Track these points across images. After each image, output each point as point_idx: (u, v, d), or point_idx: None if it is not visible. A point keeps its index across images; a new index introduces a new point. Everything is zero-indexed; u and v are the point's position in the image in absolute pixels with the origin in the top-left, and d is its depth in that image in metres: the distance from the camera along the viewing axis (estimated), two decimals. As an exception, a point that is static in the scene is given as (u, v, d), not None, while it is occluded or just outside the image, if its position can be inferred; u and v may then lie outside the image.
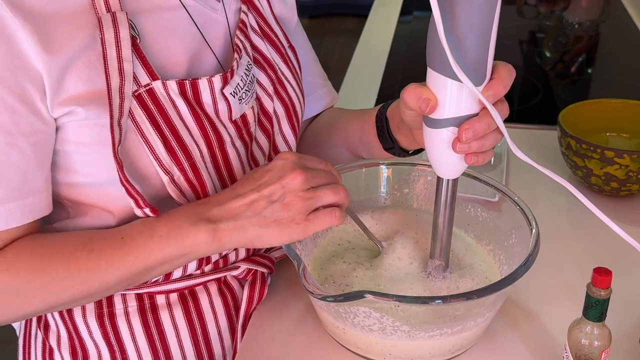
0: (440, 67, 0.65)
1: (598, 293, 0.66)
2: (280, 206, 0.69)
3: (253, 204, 0.70)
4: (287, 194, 0.69)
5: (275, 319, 0.83)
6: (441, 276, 0.77)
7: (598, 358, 0.68)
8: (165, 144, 0.71)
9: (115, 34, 0.68)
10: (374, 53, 1.67)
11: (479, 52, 0.63)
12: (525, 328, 0.80)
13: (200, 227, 0.69)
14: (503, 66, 0.67)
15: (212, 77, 0.74)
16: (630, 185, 1.00)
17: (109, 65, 0.68)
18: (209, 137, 0.75)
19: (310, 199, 0.70)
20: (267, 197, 0.70)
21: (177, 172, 0.73)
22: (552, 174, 0.67)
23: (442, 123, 0.68)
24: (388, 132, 0.84)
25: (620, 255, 0.83)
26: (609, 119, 1.12)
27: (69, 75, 0.67)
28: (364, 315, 0.70)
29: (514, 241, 0.79)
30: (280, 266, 0.89)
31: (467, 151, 0.68)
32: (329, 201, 0.71)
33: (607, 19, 1.91)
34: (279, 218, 0.70)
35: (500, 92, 0.67)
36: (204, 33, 0.77)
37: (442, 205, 0.73)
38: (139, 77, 0.70)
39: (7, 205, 0.68)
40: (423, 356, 0.74)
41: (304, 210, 0.69)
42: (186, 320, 0.83)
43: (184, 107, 0.73)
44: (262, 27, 0.86)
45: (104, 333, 0.81)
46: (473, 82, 0.64)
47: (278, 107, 0.85)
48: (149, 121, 0.71)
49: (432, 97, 0.67)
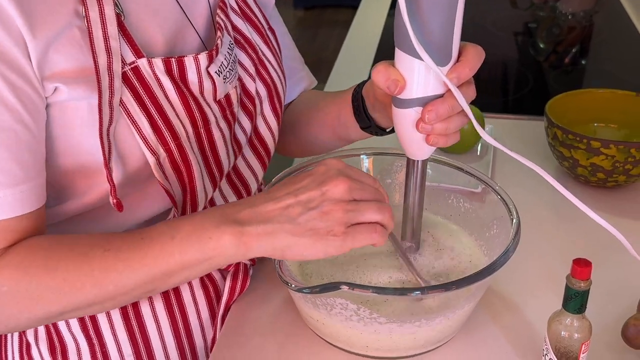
0: (406, 47, 0.65)
1: (577, 285, 0.65)
2: (317, 214, 0.64)
3: (288, 209, 0.64)
4: (327, 202, 0.64)
5: (254, 311, 0.82)
6: (413, 257, 0.77)
7: (578, 350, 0.67)
8: (151, 123, 0.70)
9: (100, 12, 0.67)
10: (364, 44, 1.66)
11: (443, 33, 0.64)
12: (507, 319, 0.79)
13: (226, 229, 0.64)
14: (471, 47, 0.67)
15: (198, 55, 0.73)
16: (617, 176, 0.99)
17: (96, 44, 0.66)
18: (194, 116, 0.73)
19: (351, 211, 0.64)
20: (304, 203, 0.64)
21: (163, 153, 0.71)
22: (522, 158, 0.66)
23: (408, 103, 0.68)
24: (364, 110, 0.84)
25: (605, 246, 0.83)
26: (597, 109, 1.11)
27: (52, 52, 0.65)
28: (341, 307, 0.69)
29: (495, 232, 0.79)
30: (263, 258, 0.88)
31: (431, 132, 0.68)
32: (372, 218, 0.65)
33: (601, 10, 1.89)
34: (314, 227, 0.63)
35: (465, 75, 0.66)
36: (187, 11, 0.76)
37: (412, 187, 0.74)
38: (124, 55, 0.69)
39: (22, 186, 0.64)
40: (402, 348, 0.73)
41: (343, 221, 0.64)
42: (167, 312, 0.82)
43: (169, 86, 0.71)
44: (241, 7, 0.85)
45: (83, 326, 0.80)
46: (437, 63, 0.64)
47: (260, 88, 0.84)
48: (135, 100, 0.69)
49: (400, 78, 0.67)
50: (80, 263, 0.65)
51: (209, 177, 0.78)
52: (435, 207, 0.86)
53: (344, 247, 0.64)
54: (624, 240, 0.67)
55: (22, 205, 0.65)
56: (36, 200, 0.66)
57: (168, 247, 0.64)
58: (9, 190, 0.64)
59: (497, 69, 1.61)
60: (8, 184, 0.64)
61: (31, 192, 0.66)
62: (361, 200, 0.66)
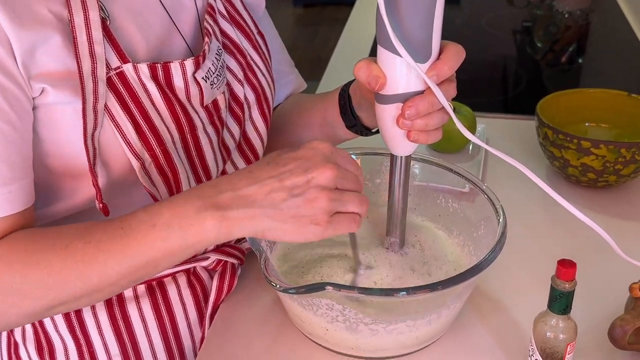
0: (386, 44, 0.66)
1: (562, 286, 0.65)
2: (302, 202, 0.63)
3: (271, 194, 0.63)
4: (312, 190, 0.63)
5: (242, 310, 0.82)
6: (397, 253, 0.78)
7: (563, 351, 0.67)
8: (136, 129, 0.70)
9: (84, 17, 0.66)
10: (359, 42, 1.66)
11: (422, 31, 0.65)
12: (494, 320, 0.79)
13: (206, 215, 0.63)
14: (452, 46, 0.68)
15: (184, 61, 0.73)
16: (607, 176, 0.99)
17: (80, 49, 0.66)
18: (181, 121, 0.73)
19: (335, 200, 0.64)
20: (289, 189, 0.63)
21: (148, 158, 0.71)
22: (506, 156, 0.67)
23: (389, 99, 0.69)
24: (351, 109, 0.84)
25: (593, 247, 0.82)
26: (588, 108, 1.10)
27: (39, 53, 0.65)
28: (327, 307, 0.69)
29: (482, 232, 0.79)
30: (251, 258, 0.88)
31: (411, 128, 0.68)
32: (352, 210, 0.65)
33: (597, 8, 1.89)
34: (298, 214, 0.63)
35: (444, 73, 0.67)
36: (173, 17, 0.76)
37: (396, 183, 0.75)
38: (109, 60, 0.69)
39: (10, 187, 0.64)
40: (388, 348, 0.73)
41: (327, 210, 0.63)
42: (154, 312, 0.82)
43: (155, 91, 0.71)
44: (230, 12, 0.85)
45: (70, 326, 0.80)
46: (416, 60, 0.65)
47: (249, 93, 0.84)
48: (120, 105, 0.69)
49: (380, 74, 0.68)
50: (62, 256, 0.64)
51: (195, 183, 0.77)
52: (424, 207, 0.86)
53: (324, 235, 0.64)
54: (607, 237, 0.67)
55: (11, 205, 0.65)
56: (25, 200, 0.66)
57: (149, 236, 0.63)
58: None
59: (493, 67, 1.61)
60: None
61: (20, 192, 0.65)
62: (344, 189, 0.65)
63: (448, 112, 0.69)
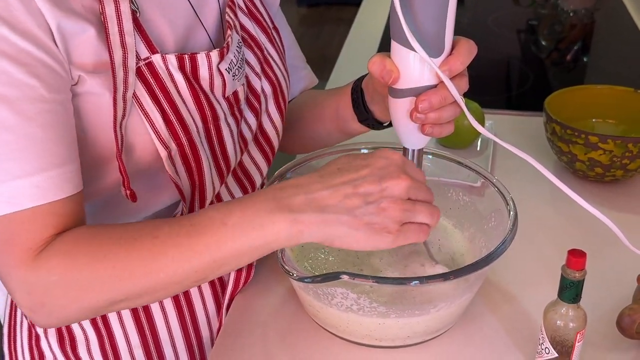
0: (400, 39, 0.67)
1: (572, 275, 0.66)
2: (375, 209, 0.63)
3: (345, 200, 0.63)
4: (386, 199, 0.64)
5: (257, 301, 0.84)
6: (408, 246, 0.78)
7: (573, 339, 0.69)
8: (164, 118, 0.71)
9: (116, 8, 0.68)
10: (366, 41, 1.67)
11: (436, 25, 0.66)
12: (504, 309, 0.81)
13: (279, 216, 0.62)
14: (464, 41, 0.69)
15: (210, 52, 0.74)
16: (615, 171, 1.00)
17: (112, 40, 0.68)
18: (205, 112, 0.75)
19: (407, 211, 0.64)
20: (363, 196, 0.63)
21: (174, 147, 0.72)
22: (515, 149, 0.68)
23: (403, 93, 0.70)
24: (363, 103, 0.86)
25: (601, 238, 0.84)
26: (595, 104, 1.12)
27: (74, 44, 0.66)
28: (342, 296, 0.71)
29: (493, 224, 0.80)
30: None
31: (424, 121, 0.70)
32: (423, 220, 0.66)
33: (602, 7, 1.90)
34: (371, 222, 0.63)
35: (457, 68, 0.68)
36: (198, 10, 0.78)
37: None
38: (139, 50, 0.70)
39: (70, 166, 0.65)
40: (401, 337, 0.75)
41: (399, 220, 0.64)
42: (174, 303, 0.83)
43: (182, 81, 0.73)
44: (248, 6, 0.87)
45: (91, 318, 0.82)
46: (430, 54, 0.66)
47: (265, 86, 0.86)
48: (149, 95, 0.71)
49: (394, 68, 0.69)
50: (129, 250, 0.63)
51: (217, 172, 0.79)
52: (435, 201, 0.87)
53: (395, 244, 0.65)
54: (616, 230, 0.68)
55: (70, 186, 0.64)
56: (79, 182, 0.66)
57: (219, 235, 0.63)
58: (57, 171, 0.63)
59: (499, 66, 1.62)
60: (56, 164, 0.63)
61: (75, 173, 0.65)
62: (416, 200, 0.66)
63: (459, 106, 0.70)
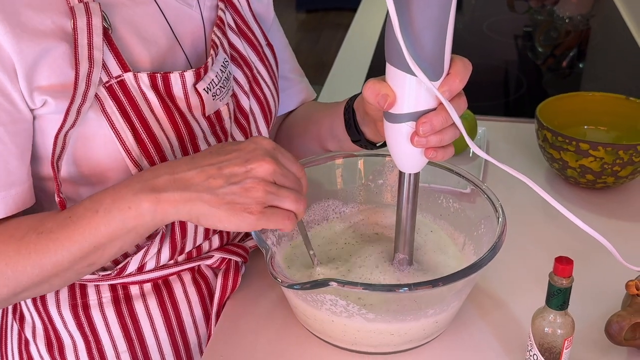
0: (398, 62, 0.65)
1: (559, 282, 0.67)
2: (238, 189, 0.65)
3: (209, 180, 0.66)
4: (249, 180, 0.66)
5: (248, 307, 0.84)
6: (406, 270, 0.78)
7: (561, 346, 0.69)
8: (135, 136, 0.72)
9: (87, 22, 0.69)
10: (362, 47, 1.67)
11: (436, 48, 0.64)
12: (494, 316, 0.81)
13: (143, 197, 0.65)
14: (459, 60, 0.67)
15: (185, 72, 0.74)
16: (606, 178, 1.01)
17: (79, 52, 0.69)
18: (180, 130, 0.75)
19: (271, 194, 0.66)
20: (227, 177, 0.66)
21: (146, 165, 0.73)
22: (505, 166, 0.68)
23: (400, 118, 0.68)
24: (355, 124, 0.85)
25: (590, 245, 0.83)
26: (587, 111, 1.12)
27: (40, 66, 0.68)
28: (331, 303, 0.71)
29: (482, 231, 0.80)
30: (255, 256, 0.90)
31: (426, 145, 0.69)
32: (289, 207, 0.67)
33: (597, 14, 1.91)
34: (232, 201, 0.65)
35: (456, 87, 0.67)
36: (176, 29, 0.78)
37: (404, 200, 0.74)
38: (111, 68, 0.71)
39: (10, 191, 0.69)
40: (391, 344, 0.75)
41: (261, 201, 0.66)
42: (160, 309, 0.84)
43: (154, 100, 0.73)
44: (239, 25, 0.87)
45: (79, 324, 0.82)
46: (430, 78, 0.64)
47: (254, 105, 0.86)
48: (120, 112, 0.71)
49: (390, 92, 0.67)
50: (18, 247, 0.68)
51: None
52: (426, 207, 0.88)
53: (257, 226, 0.66)
54: (607, 243, 0.69)
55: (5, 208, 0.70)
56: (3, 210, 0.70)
57: (93, 222, 0.67)
58: None
59: (494, 72, 1.62)
60: None
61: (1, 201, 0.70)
62: (282, 186, 0.67)
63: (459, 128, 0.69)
